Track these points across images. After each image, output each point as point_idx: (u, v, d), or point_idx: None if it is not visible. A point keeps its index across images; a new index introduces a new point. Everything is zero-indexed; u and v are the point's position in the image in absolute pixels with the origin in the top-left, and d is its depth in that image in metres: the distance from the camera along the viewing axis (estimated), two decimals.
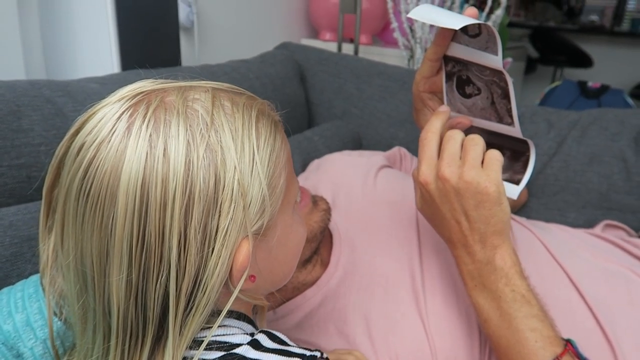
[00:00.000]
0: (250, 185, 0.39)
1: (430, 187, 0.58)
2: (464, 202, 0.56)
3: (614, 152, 0.97)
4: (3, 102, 0.71)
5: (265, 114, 0.43)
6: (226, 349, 0.40)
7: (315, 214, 0.71)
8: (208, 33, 1.66)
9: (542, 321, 0.55)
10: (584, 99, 2.37)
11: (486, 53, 0.56)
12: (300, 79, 1.30)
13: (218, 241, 0.38)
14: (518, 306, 0.55)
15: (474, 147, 0.57)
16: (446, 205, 0.57)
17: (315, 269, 0.74)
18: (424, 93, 0.66)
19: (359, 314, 0.68)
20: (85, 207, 0.37)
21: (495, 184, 0.55)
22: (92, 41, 1.15)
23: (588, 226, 0.96)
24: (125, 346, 0.39)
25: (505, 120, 0.60)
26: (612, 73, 3.58)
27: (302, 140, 1.08)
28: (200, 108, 0.39)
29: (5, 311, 0.55)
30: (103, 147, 0.37)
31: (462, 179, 0.55)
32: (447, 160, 0.57)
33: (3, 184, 0.69)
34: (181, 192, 0.36)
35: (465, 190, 0.55)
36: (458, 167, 0.56)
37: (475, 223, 0.56)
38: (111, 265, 0.37)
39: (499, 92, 0.58)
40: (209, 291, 0.38)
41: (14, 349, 0.54)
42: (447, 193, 0.57)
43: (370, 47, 1.93)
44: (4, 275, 0.62)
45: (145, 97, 0.39)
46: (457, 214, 0.57)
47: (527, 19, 4.17)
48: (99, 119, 0.38)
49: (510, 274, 0.57)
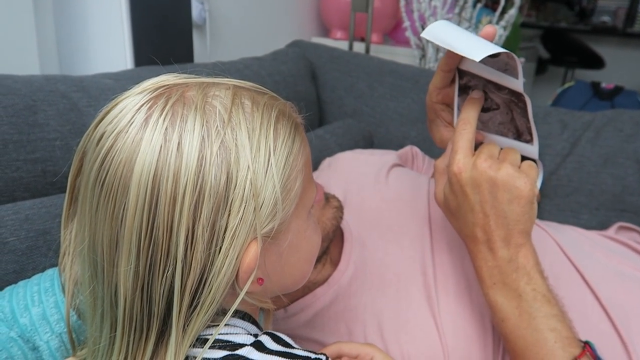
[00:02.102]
0: (263, 187, 0.38)
1: (464, 175, 0.57)
2: (498, 194, 0.55)
3: (628, 153, 0.96)
4: (19, 96, 0.72)
5: (286, 115, 0.43)
6: (229, 348, 0.39)
7: (328, 211, 0.71)
8: (220, 31, 1.66)
9: (562, 322, 0.55)
10: (597, 100, 2.35)
11: (505, 75, 0.54)
12: (312, 77, 1.30)
13: (226, 240, 0.37)
14: (538, 305, 0.55)
15: (513, 153, 0.57)
16: (477, 196, 0.56)
17: (326, 268, 0.74)
18: (437, 104, 0.65)
19: (370, 313, 0.68)
20: (100, 195, 0.37)
21: (532, 183, 0.55)
22: (106, 38, 1.16)
23: (601, 228, 0.95)
24: (130, 338, 0.39)
25: (524, 137, 0.59)
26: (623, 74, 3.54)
27: (314, 138, 1.08)
28: (218, 104, 0.39)
29: (21, 304, 0.56)
30: (120, 137, 0.37)
31: (500, 172, 0.55)
32: (485, 155, 0.56)
33: (19, 178, 0.69)
34: (192, 187, 0.36)
35: (502, 184, 0.55)
36: (497, 163, 0.56)
37: (503, 218, 0.56)
38: (120, 255, 0.37)
39: (519, 111, 0.57)
40: (214, 291, 0.38)
41: (30, 342, 0.54)
42: (480, 183, 0.56)
43: (381, 46, 1.93)
44: (19, 268, 0.62)
45: (166, 90, 0.40)
46: (486, 207, 0.56)
47: (539, 19, 4.14)
48: (120, 110, 0.39)
49: (532, 273, 0.56)
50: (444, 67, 0.60)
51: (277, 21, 1.94)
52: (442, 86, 0.63)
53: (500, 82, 0.55)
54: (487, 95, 0.58)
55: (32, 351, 0.53)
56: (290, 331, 0.72)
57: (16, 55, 1.10)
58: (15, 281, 0.61)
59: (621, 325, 0.65)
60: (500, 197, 0.55)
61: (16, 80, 0.74)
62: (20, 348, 0.52)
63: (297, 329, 0.71)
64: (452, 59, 0.59)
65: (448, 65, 0.60)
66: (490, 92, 0.58)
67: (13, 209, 0.65)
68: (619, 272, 0.73)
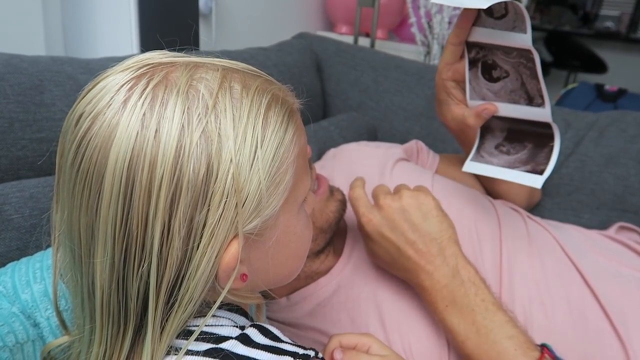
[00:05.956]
0: (247, 181, 0.35)
1: (374, 221, 0.62)
2: (412, 217, 0.60)
3: (631, 154, 0.97)
4: (26, 75, 0.71)
5: (280, 100, 0.39)
6: (213, 341, 0.37)
7: (332, 204, 0.71)
8: (225, 21, 1.66)
9: (516, 327, 0.56)
10: (601, 102, 2.34)
11: (514, 33, 0.55)
12: (317, 69, 1.30)
13: (204, 237, 0.35)
14: (491, 315, 0.56)
15: (401, 183, 0.64)
16: (396, 231, 0.60)
17: (329, 259, 0.74)
18: (448, 81, 0.66)
19: (372, 304, 0.68)
20: (76, 180, 0.35)
21: (431, 196, 0.61)
22: (112, 24, 1.16)
23: (602, 227, 0.95)
24: (107, 331, 0.37)
25: (536, 100, 0.59)
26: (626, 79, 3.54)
27: (318, 129, 1.08)
28: (203, 88, 0.36)
29: (23, 280, 0.56)
30: (98, 120, 0.35)
31: (403, 200, 0.61)
32: (382, 195, 0.62)
33: (24, 157, 0.69)
34: (168, 179, 0.33)
35: (410, 207, 0.60)
36: (394, 195, 0.62)
37: (428, 235, 0.59)
38: (96, 246, 0.35)
39: (528, 73, 0.57)
40: (192, 289, 0.35)
41: (31, 319, 0.54)
42: (393, 218, 0.60)
43: (386, 42, 1.93)
44: (23, 245, 0.62)
45: (150, 70, 0.36)
46: (409, 234, 0.60)
47: (542, 22, 4.15)
48: (100, 89, 0.36)
49: (477, 282, 0.58)
50: (453, 40, 0.61)
51: (282, 14, 1.94)
52: (452, 61, 0.64)
53: (509, 44, 0.56)
54: (497, 64, 0.59)
55: (33, 327, 0.53)
56: (293, 320, 0.72)
57: (22, 38, 1.10)
58: (18, 258, 0.60)
59: (619, 324, 0.65)
60: (415, 218, 0.60)
61: (23, 59, 0.74)
62: (22, 323, 0.52)
63: (300, 318, 0.71)
64: (461, 30, 0.60)
65: (458, 37, 0.60)
66: (499, 59, 0.59)
67: (18, 186, 0.64)
68: (617, 273, 0.73)
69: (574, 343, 0.63)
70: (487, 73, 0.60)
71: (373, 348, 0.53)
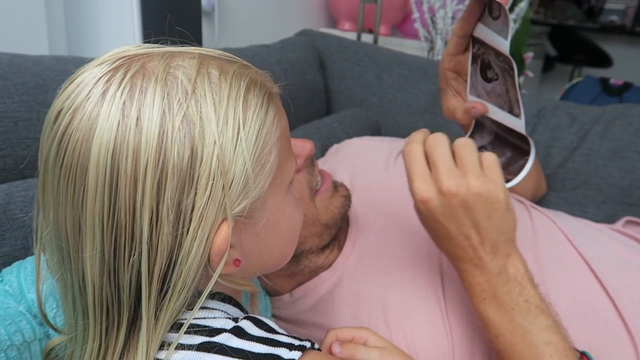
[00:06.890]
0: (233, 162, 0.35)
1: (432, 203, 0.52)
2: (474, 215, 0.51)
3: (637, 147, 0.96)
4: (30, 74, 0.72)
5: (258, 84, 0.39)
6: (206, 334, 0.37)
7: (336, 199, 0.70)
8: (228, 18, 1.66)
9: (557, 333, 0.53)
10: (606, 96, 2.32)
11: (500, 37, 0.55)
12: (320, 66, 1.29)
13: (194, 221, 0.35)
14: (532, 318, 0.53)
15: (469, 152, 0.52)
16: (452, 222, 0.52)
17: (333, 253, 0.74)
18: (449, 72, 0.65)
19: (375, 298, 0.68)
20: (59, 177, 0.35)
21: (503, 189, 0.51)
22: (116, 22, 1.16)
23: (608, 222, 0.94)
24: (102, 326, 0.37)
25: (514, 110, 0.58)
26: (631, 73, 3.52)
27: (322, 126, 1.08)
28: (181, 75, 0.36)
29: (29, 280, 0.56)
30: (78, 114, 0.34)
31: (470, 191, 0.50)
32: (444, 172, 0.51)
33: (29, 156, 0.69)
34: (153, 165, 0.33)
35: (475, 202, 0.51)
36: (461, 178, 0.51)
37: (487, 234, 0.52)
38: (84, 240, 0.35)
39: (510, 81, 0.57)
40: (184, 275, 0.36)
41: (37, 317, 0.54)
42: (453, 208, 0.51)
43: (389, 38, 1.92)
44: (28, 244, 0.62)
45: (126, 61, 0.36)
46: (465, 229, 0.52)
47: (547, 16, 4.13)
48: (77, 84, 0.36)
49: (524, 282, 0.54)
50: (458, 32, 0.60)
51: (284, 11, 1.93)
52: (455, 52, 0.63)
53: (497, 47, 0.56)
54: (491, 64, 0.59)
55: (40, 326, 0.54)
56: (296, 316, 0.72)
57: (25, 36, 1.10)
58: (23, 257, 0.61)
59: (627, 314, 0.65)
60: (477, 216, 0.52)
61: (26, 59, 0.74)
62: (29, 322, 0.53)
63: (302, 314, 0.71)
64: (467, 23, 0.59)
65: (463, 29, 0.60)
66: (492, 61, 0.58)
67: (22, 185, 0.65)
68: (627, 261, 0.72)
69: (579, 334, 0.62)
70: (483, 72, 0.60)
71: (370, 340, 0.53)
